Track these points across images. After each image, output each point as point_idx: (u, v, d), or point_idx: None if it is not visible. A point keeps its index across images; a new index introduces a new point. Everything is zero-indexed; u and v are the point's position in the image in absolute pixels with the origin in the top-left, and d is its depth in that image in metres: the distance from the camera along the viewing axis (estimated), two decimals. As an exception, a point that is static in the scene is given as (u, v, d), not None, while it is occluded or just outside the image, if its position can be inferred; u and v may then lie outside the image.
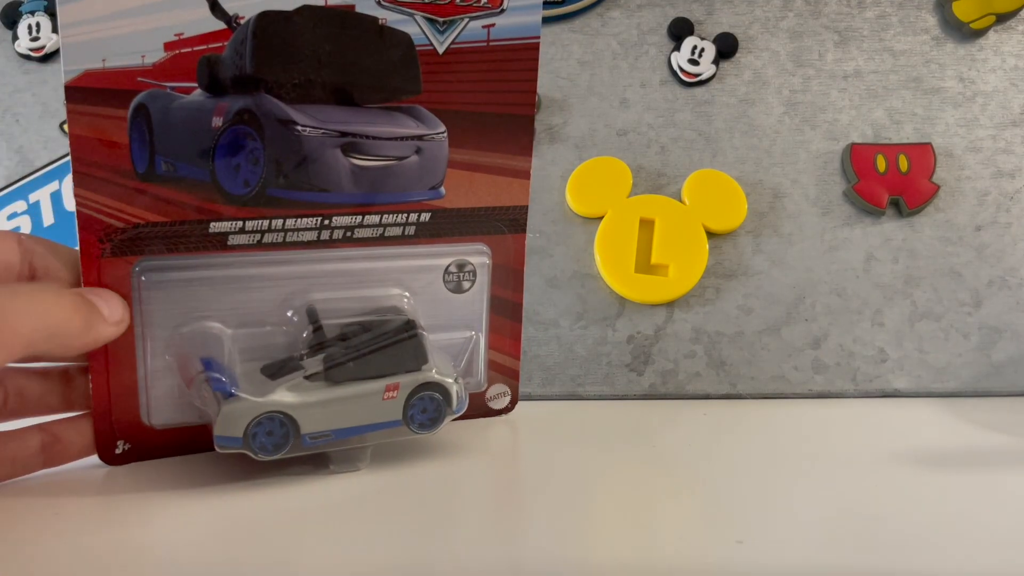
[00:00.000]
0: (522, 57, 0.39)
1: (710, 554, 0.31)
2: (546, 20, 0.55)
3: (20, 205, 0.49)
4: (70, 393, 0.37)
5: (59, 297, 0.33)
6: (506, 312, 0.43)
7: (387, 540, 0.31)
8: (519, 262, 0.42)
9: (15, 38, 0.54)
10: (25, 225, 0.50)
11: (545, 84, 0.54)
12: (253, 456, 0.35)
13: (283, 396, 0.35)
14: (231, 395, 0.34)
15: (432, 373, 0.37)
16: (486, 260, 0.42)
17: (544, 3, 0.54)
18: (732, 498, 0.36)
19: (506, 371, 0.44)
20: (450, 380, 0.37)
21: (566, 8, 0.55)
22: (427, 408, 0.37)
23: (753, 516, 0.34)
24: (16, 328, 0.30)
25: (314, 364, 0.36)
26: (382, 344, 0.36)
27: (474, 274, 0.42)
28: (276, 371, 0.36)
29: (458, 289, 0.41)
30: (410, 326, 0.37)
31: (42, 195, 0.49)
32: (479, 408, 0.44)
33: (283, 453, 0.35)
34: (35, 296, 0.32)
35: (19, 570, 0.29)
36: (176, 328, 0.37)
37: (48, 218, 0.49)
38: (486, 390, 0.44)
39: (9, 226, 0.50)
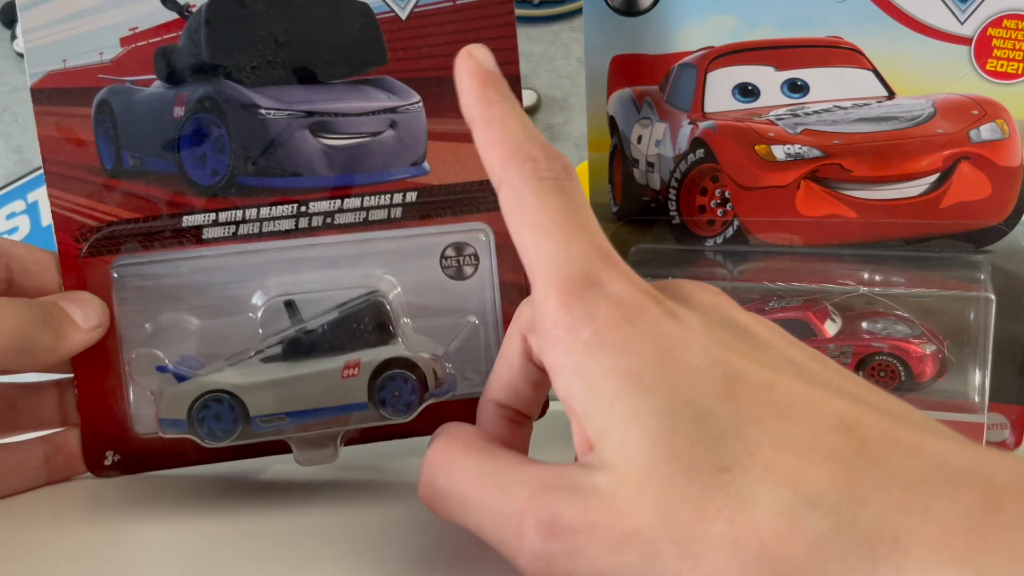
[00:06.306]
0: (495, 13, 0.37)
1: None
2: (546, 19, 0.53)
3: (19, 205, 0.51)
4: (65, 405, 0.37)
5: (28, 309, 0.32)
6: (520, 299, 0.38)
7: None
8: (529, 242, 0.38)
9: (13, 37, 0.55)
10: (24, 225, 0.52)
11: (545, 83, 0.52)
12: (200, 442, 0.32)
13: (229, 376, 0.32)
14: (178, 376, 0.32)
15: (399, 347, 0.33)
16: (488, 241, 0.38)
17: (544, 2, 0.52)
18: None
19: (530, 369, 0.38)
20: (424, 356, 0.33)
21: (565, 7, 0.53)
22: (400, 391, 0.33)
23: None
24: None
25: (272, 347, 0.33)
26: (339, 317, 0.33)
27: (476, 258, 0.37)
28: (235, 357, 0.34)
29: (459, 275, 0.37)
30: (371, 295, 0.33)
31: (40, 195, 0.51)
32: (504, 414, 0.38)
33: (232, 439, 0.32)
34: (1, 311, 0.32)
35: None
36: (152, 325, 0.36)
37: (47, 218, 0.51)
38: (508, 392, 0.38)
39: (8, 226, 0.52)
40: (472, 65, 0.29)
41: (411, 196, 0.37)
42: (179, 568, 0.29)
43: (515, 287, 0.38)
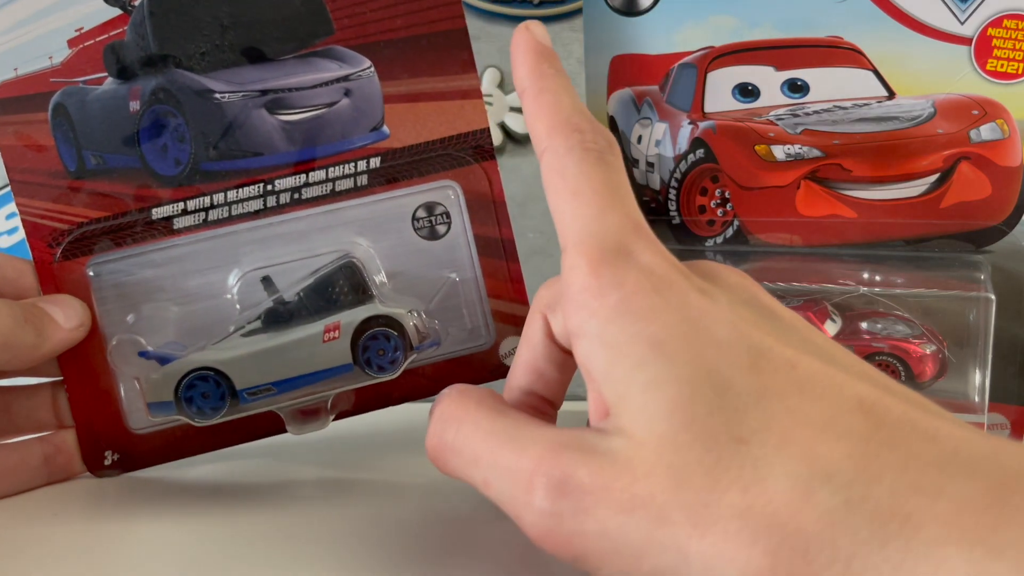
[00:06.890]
0: (435, -30, 0.37)
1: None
2: (546, 20, 0.53)
3: (19, 205, 0.51)
4: (59, 407, 0.37)
5: (8, 309, 0.33)
6: (496, 253, 0.38)
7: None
8: (498, 193, 0.38)
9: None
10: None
11: (546, 83, 0.52)
12: (191, 422, 0.32)
13: (212, 354, 0.32)
14: (161, 360, 0.32)
15: (377, 305, 0.33)
16: (458, 197, 0.38)
17: (544, 2, 0.52)
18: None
19: (515, 321, 0.38)
20: (404, 312, 0.33)
21: (565, 7, 0.53)
22: (384, 349, 0.33)
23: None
24: None
25: (252, 322, 0.33)
26: (313, 283, 0.33)
27: (447, 216, 0.37)
28: (216, 336, 0.34)
29: (433, 235, 0.37)
30: (343, 258, 0.33)
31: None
32: (495, 368, 0.38)
33: (222, 416, 0.32)
34: None
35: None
36: (134, 319, 0.36)
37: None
38: (497, 345, 0.38)
39: (8, 225, 0.51)
40: (528, 38, 0.30)
41: (375, 162, 0.37)
42: (179, 567, 0.29)
43: (490, 241, 0.38)
